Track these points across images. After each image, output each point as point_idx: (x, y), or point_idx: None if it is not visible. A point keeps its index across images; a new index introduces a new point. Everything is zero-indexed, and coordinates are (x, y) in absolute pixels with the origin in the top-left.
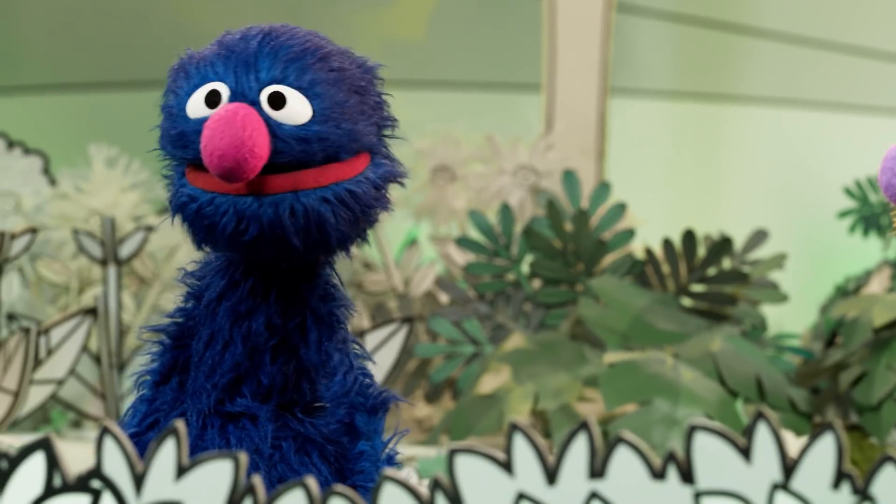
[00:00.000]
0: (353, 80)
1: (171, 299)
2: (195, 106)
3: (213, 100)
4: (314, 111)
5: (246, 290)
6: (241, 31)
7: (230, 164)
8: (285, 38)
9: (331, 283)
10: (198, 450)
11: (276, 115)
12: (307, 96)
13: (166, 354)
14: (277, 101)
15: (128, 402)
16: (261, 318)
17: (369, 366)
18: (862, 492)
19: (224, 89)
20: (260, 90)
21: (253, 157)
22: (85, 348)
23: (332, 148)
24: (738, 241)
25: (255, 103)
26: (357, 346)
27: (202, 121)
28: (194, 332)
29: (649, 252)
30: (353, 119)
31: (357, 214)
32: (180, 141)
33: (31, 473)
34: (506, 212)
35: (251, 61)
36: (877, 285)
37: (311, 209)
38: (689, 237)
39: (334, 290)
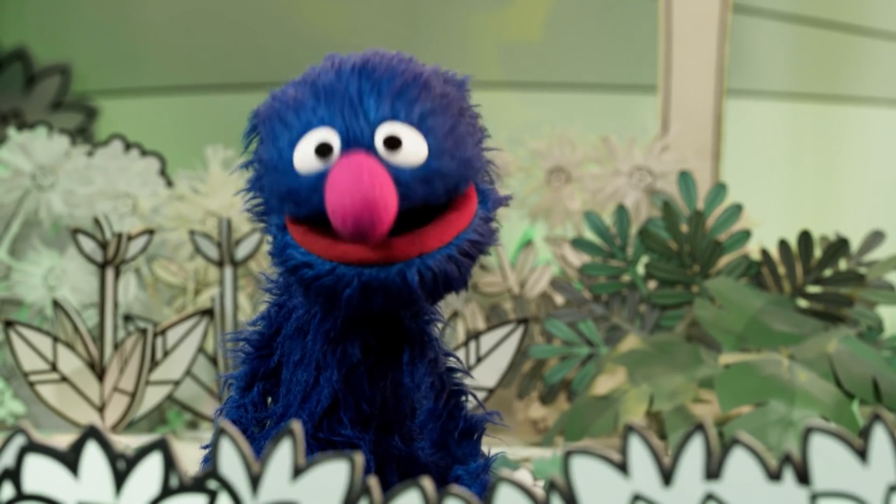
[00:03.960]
0: (455, 103)
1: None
2: (304, 158)
3: (324, 150)
4: (430, 146)
5: (339, 317)
6: (330, 67)
7: (365, 226)
8: (383, 71)
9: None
10: None
11: (394, 158)
12: (421, 131)
13: (248, 363)
14: (393, 143)
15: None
16: (356, 340)
17: (468, 379)
18: None
19: (334, 137)
20: (373, 133)
21: (387, 215)
22: (201, 349)
23: (451, 182)
24: (855, 243)
25: (371, 148)
26: (453, 360)
27: (318, 176)
28: (275, 340)
29: (765, 253)
30: (465, 145)
31: (477, 258)
32: (293, 198)
33: (149, 474)
34: (621, 213)
35: (356, 102)
36: None
37: (438, 271)
38: (805, 238)
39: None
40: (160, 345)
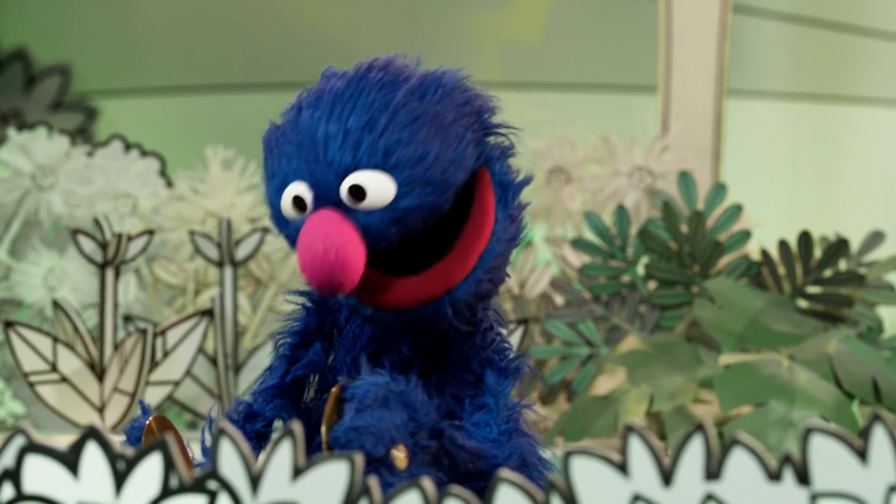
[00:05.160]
0: (432, 118)
1: (287, 301)
2: (287, 208)
3: (299, 203)
4: (398, 184)
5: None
6: (307, 98)
7: (331, 286)
8: (351, 104)
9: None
10: None
11: (362, 206)
12: (386, 171)
13: (310, 317)
14: (358, 192)
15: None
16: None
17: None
18: None
19: (306, 192)
20: (339, 185)
21: (346, 277)
22: (201, 350)
23: (429, 210)
24: (855, 243)
25: (338, 202)
26: (495, 313)
27: (298, 226)
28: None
29: (765, 253)
30: (442, 162)
31: (508, 259)
32: (289, 240)
33: (149, 474)
34: (621, 213)
35: (321, 153)
36: None
37: (469, 295)
38: (805, 238)
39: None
40: (160, 345)
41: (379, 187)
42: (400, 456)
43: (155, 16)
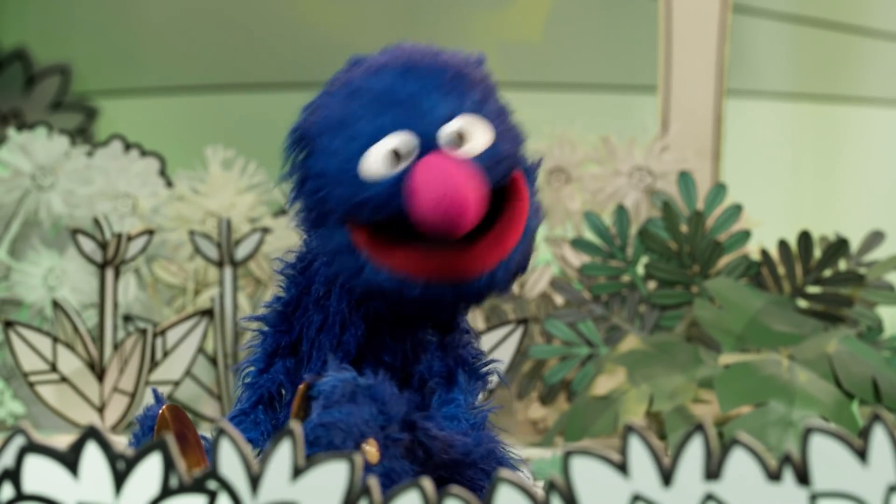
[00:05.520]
0: (490, 82)
1: (243, 328)
2: (375, 166)
3: (395, 156)
4: (494, 129)
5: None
6: (368, 72)
7: (455, 223)
8: (426, 67)
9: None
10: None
11: (467, 150)
12: (483, 116)
13: (267, 340)
14: (462, 137)
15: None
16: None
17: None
18: None
19: (405, 142)
20: (439, 132)
21: (475, 208)
22: (201, 350)
23: (513, 161)
24: (855, 243)
25: (442, 146)
26: (466, 323)
27: (393, 182)
28: (297, 316)
29: (765, 253)
30: (510, 121)
31: (535, 237)
32: (368, 206)
33: (148, 474)
34: (621, 213)
35: (417, 104)
36: None
37: (518, 263)
38: (805, 238)
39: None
40: (160, 345)
41: (480, 133)
42: (371, 450)
43: (155, 16)
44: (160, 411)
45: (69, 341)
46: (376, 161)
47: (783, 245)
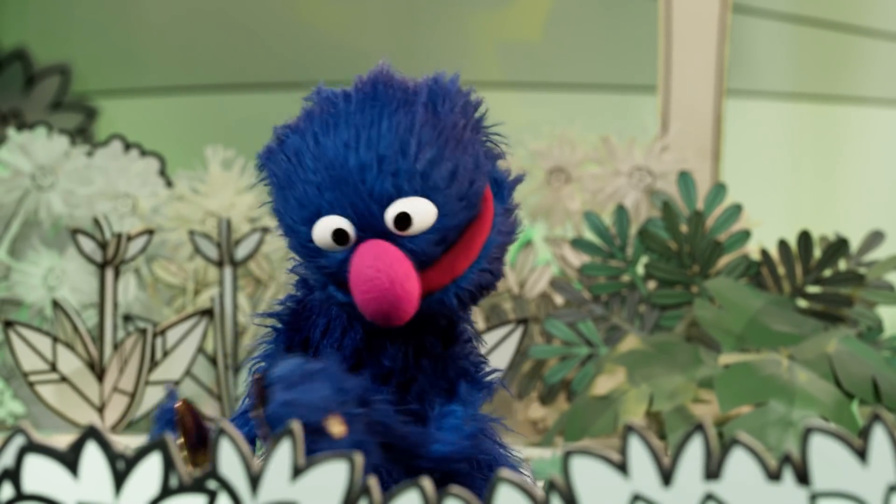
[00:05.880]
0: (451, 130)
1: (256, 325)
2: (322, 239)
3: (340, 237)
4: (438, 206)
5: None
6: (322, 124)
7: (390, 319)
8: (377, 124)
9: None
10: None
11: (408, 232)
12: (426, 194)
13: (280, 337)
14: (404, 220)
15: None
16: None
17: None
18: None
19: (347, 224)
20: (383, 215)
21: (409, 308)
22: (201, 350)
23: (464, 221)
24: (855, 243)
25: (385, 232)
26: (473, 328)
27: (340, 259)
28: (306, 316)
29: (765, 253)
30: (469, 173)
31: (506, 252)
32: (323, 270)
33: (148, 474)
34: (621, 213)
35: (359, 184)
36: None
37: (473, 286)
38: (804, 238)
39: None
40: (160, 345)
41: (423, 212)
42: (336, 423)
43: (155, 16)
44: (176, 406)
45: (69, 341)
46: (324, 236)
47: (783, 245)
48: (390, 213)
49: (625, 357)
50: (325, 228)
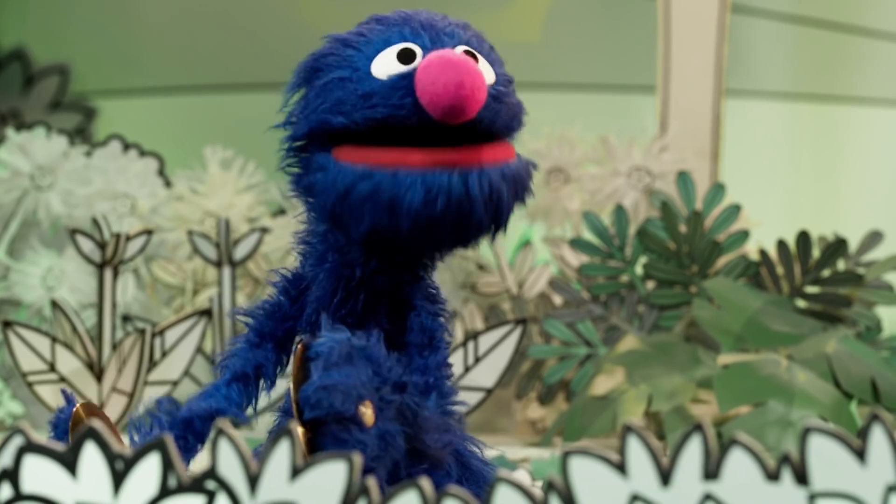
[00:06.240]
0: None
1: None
2: (385, 65)
3: (408, 57)
4: (496, 75)
5: (359, 304)
6: (394, 12)
7: (465, 94)
8: (444, 19)
9: (432, 286)
10: None
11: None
12: (489, 60)
13: (277, 296)
14: (472, 57)
15: None
16: (371, 326)
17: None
18: None
19: (418, 48)
20: (452, 45)
21: (481, 90)
22: (199, 350)
23: (510, 114)
24: (854, 243)
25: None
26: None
27: (401, 76)
28: (278, 331)
29: (764, 253)
30: (516, 96)
31: (519, 196)
32: (369, 101)
33: (147, 474)
34: (620, 213)
35: (437, 25)
36: None
37: (494, 183)
38: (803, 238)
39: (436, 292)
40: (158, 345)
41: (485, 65)
42: (367, 412)
43: (154, 16)
44: (74, 409)
45: (68, 341)
46: (387, 61)
47: (782, 245)
48: (460, 48)
49: (624, 357)
50: (391, 52)
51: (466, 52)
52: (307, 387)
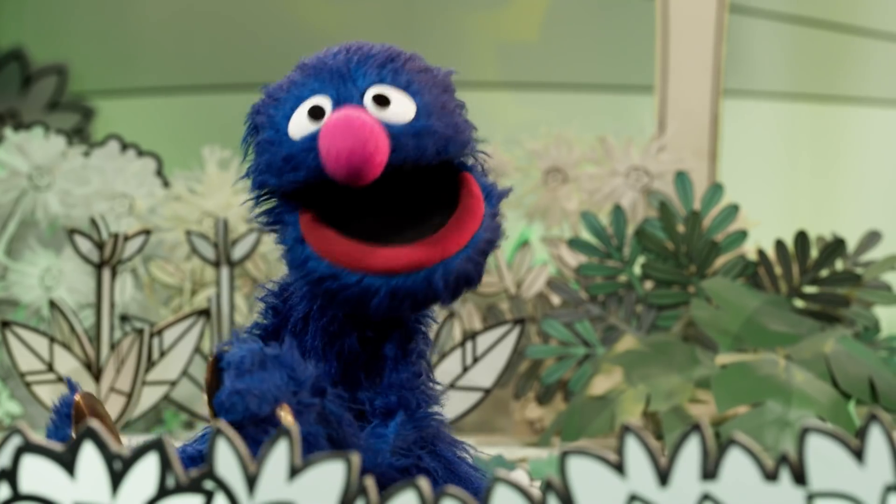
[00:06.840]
0: (440, 80)
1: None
2: (298, 125)
3: (317, 114)
4: (417, 107)
5: (340, 314)
6: (316, 56)
7: (357, 162)
8: (366, 50)
9: None
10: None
11: (384, 114)
12: (408, 93)
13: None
14: (382, 101)
15: None
16: (353, 334)
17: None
18: None
19: (326, 101)
20: (362, 95)
21: (378, 153)
22: (198, 350)
23: (441, 142)
24: (852, 243)
25: (361, 105)
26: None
27: (312, 136)
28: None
29: (762, 253)
30: (451, 112)
31: (495, 245)
32: (289, 164)
33: (145, 474)
34: (618, 213)
35: (344, 72)
36: None
37: (459, 272)
38: (801, 238)
39: None
40: (157, 345)
41: (401, 102)
42: (286, 415)
43: (152, 16)
44: (75, 399)
45: (66, 341)
46: (300, 121)
47: (780, 245)
48: (370, 93)
49: (622, 357)
50: (302, 109)
51: (376, 97)
52: (220, 393)
